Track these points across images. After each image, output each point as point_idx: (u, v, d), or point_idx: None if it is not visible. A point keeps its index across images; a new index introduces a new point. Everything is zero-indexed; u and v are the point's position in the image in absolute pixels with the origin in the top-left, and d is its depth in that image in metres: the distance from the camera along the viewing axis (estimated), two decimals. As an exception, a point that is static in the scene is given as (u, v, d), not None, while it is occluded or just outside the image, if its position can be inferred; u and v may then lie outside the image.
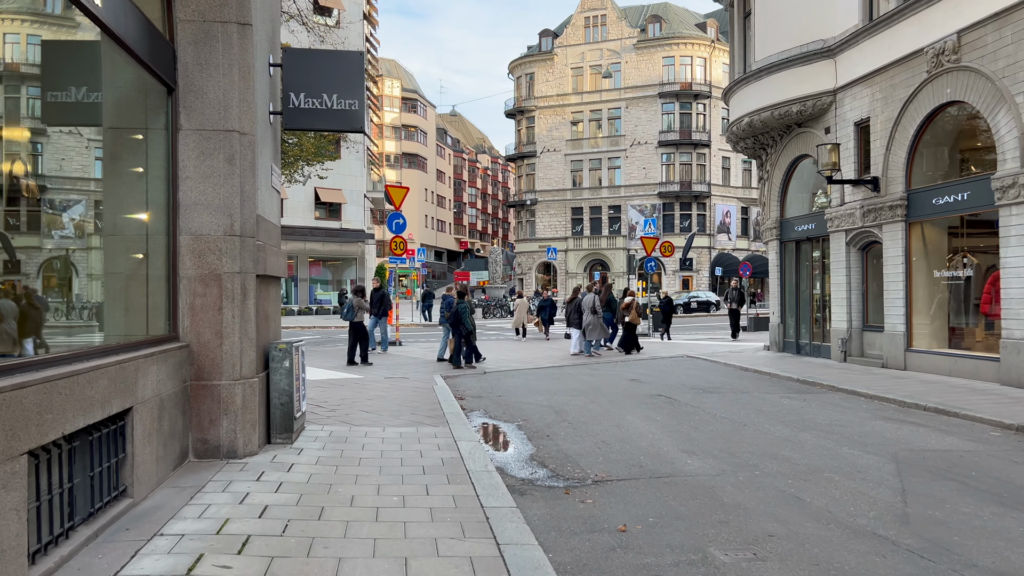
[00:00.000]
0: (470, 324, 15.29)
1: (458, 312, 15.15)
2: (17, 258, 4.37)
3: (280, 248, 8.04)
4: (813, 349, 17.15)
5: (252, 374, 6.62)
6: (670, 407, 10.38)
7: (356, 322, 15.70)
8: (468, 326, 15.24)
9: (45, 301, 4.70)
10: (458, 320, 15.20)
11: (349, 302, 15.88)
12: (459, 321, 15.19)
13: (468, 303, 15.63)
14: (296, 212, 41.96)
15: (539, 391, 12.14)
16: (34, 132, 4.78)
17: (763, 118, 17.22)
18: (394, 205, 20.68)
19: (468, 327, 15.25)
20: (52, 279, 4.89)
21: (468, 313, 15.25)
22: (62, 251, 5.08)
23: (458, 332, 15.38)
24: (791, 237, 18.06)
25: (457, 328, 15.34)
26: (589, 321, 17.74)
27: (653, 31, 59.82)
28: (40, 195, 4.72)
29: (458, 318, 15.18)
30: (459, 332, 15.35)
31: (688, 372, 14.99)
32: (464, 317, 15.12)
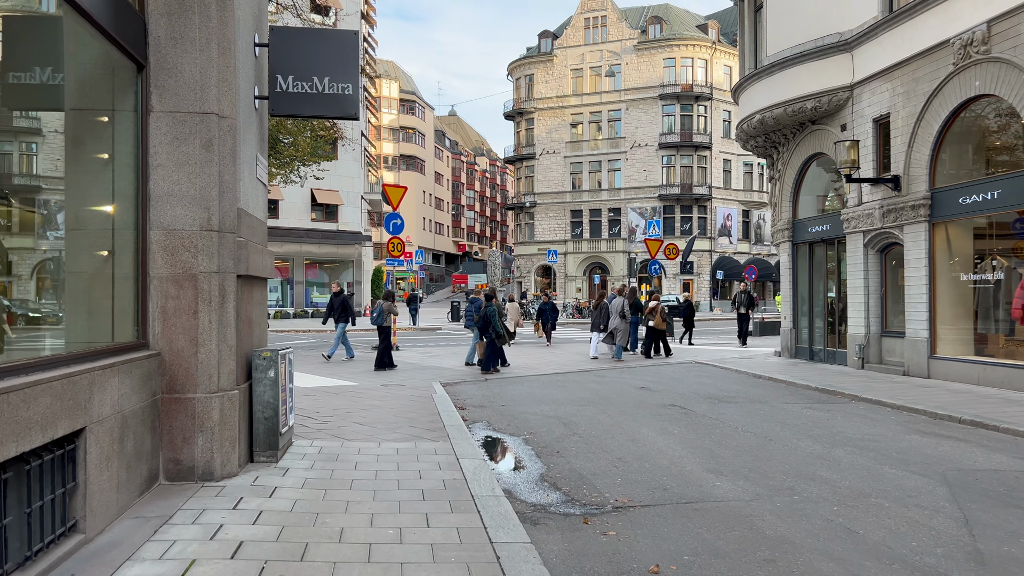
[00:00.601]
0: (500, 327, 14.87)
1: (487, 315, 14.74)
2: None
3: (266, 246, 7.34)
4: (828, 355, 16.47)
5: (232, 385, 5.92)
6: (686, 419, 9.69)
7: (385, 326, 15.53)
8: (499, 329, 14.81)
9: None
10: (487, 323, 14.78)
11: (379, 306, 15.73)
12: (488, 324, 14.77)
13: (497, 306, 15.21)
14: (292, 213, 41.26)
15: (545, 400, 11.45)
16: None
17: (775, 115, 16.56)
18: (391, 205, 19.99)
19: (498, 330, 14.82)
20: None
21: (497, 316, 14.84)
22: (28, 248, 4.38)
23: (488, 336, 14.95)
24: (804, 239, 17.39)
25: (487, 332, 14.92)
26: (617, 325, 17.35)
27: (654, 32, 59.24)
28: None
29: (487, 321, 14.78)
30: (489, 336, 14.92)
31: (699, 380, 14.30)
32: (494, 320, 14.71)
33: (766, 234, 62.42)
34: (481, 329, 15.14)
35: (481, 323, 15.01)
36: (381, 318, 15.59)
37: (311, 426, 8.51)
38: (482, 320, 14.92)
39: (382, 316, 15.59)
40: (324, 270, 44.65)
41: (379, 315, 15.64)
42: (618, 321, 17.46)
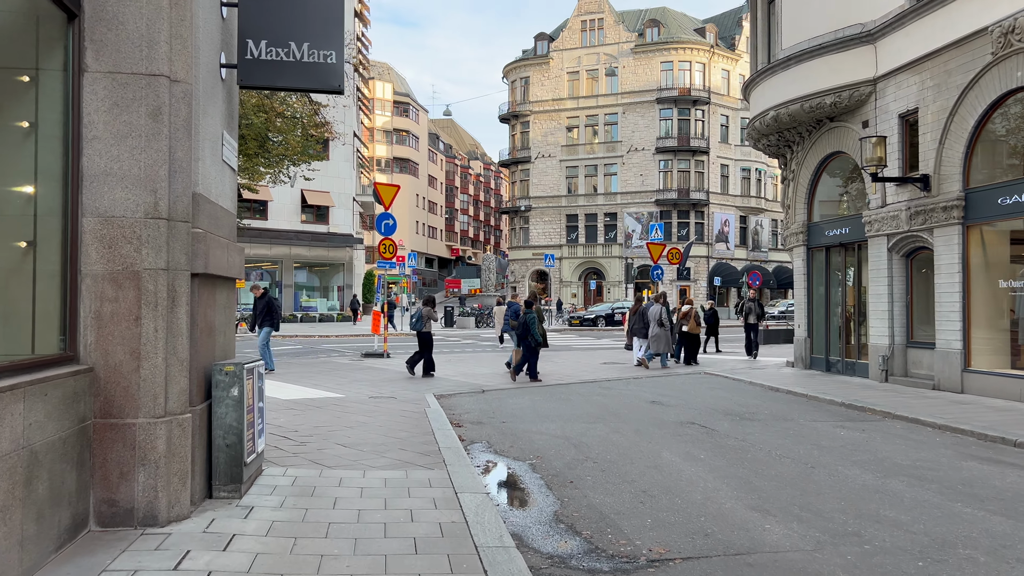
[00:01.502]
0: (539, 335, 14.31)
1: (526, 322, 14.21)
2: None
3: (234, 241, 6.29)
4: (846, 367, 15.49)
5: (183, 407, 4.86)
6: (710, 440, 8.67)
7: (424, 332, 15.07)
8: (537, 337, 14.27)
9: None
10: (527, 330, 14.25)
11: (418, 311, 15.24)
12: (528, 331, 14.23)
13: (538, 312, 14.57)
14: (281, 215, 40.16)
15: (549, 416, 10.41)
16: None
17: (791, 111, 15.61)
18: (383, 204, 18.97)
19: (537, 338, 14.29)
20: None
21: (536, 323, 14.24)
22: None
23: (526, 343, 14.42)
24: (820, 243, 16.42)
25: (525, 339, 14.39)
26: (655, 333, 17.04)
27: (651, 35, 58.45)
28: None
29: (527, 328, 14.25)
30: (527, 343, 14.40)
31: (713, 393, 13.30)
32: (532, 327, 14.16)
33: (763, 240, 61.64)
34: (520, 336, 14.58)
35: (520, 330, 14.45)
36: (420, 323, 15.10)
37: (287, 448, 7.45)
38: (521, 327, 14.39)
39: (421, 322, 15.09)
40: (314, 273, 43.54)
41: (418, 320, 15.14)
42: (657, 329, 17.06)
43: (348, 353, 21.03)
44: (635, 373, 16.27)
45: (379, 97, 73.16)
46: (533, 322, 14.18)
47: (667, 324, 17.10)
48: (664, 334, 17.04)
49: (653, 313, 17.12)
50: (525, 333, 14.35)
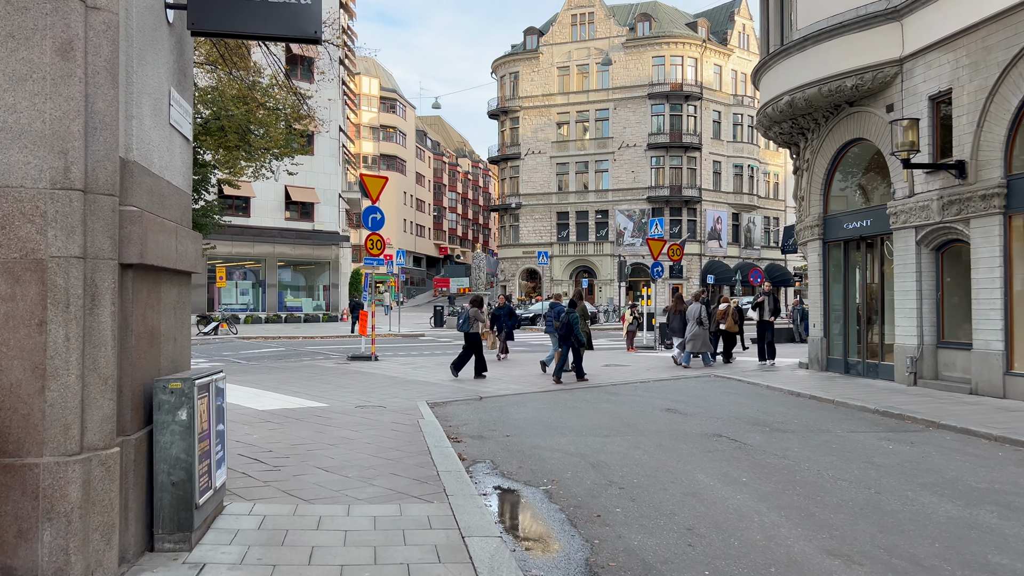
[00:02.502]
0: (583, 335, 14.03)
1: (570, 322, 13.84)
2: None
3: (187, 226, 5.14)
4: (867, 369, 14.47)
5: (107, 440, 3.71)
6: (746, 457, 7.58)
7: (472, 333, 14.74)
8: (580, 338, 13.95)
9: None
10: (570, 330, 13.86)
11: (465, 312, 14.98)
12: (571, 331, 13.85)
13: (583, 310, 14.30)
14: (265, 212, 38.84)
15: (558, 428, 9.29)
16: None
17: (808, 96, 14.56)
18: (370, 197, 17.80)
19: (580, 339, 13.96)
20: None
21: (580, 323, 13.92)
22: None
23: (568, 344, 14.03)
24: (838, 236, 15.39)
25: (568, 339, 13.97)
26: (694, 332, 16.66)
27: (642, 30, 57.51)
28: None
29: (570, 328, 13.86)
30: (569, 344, 14.01)
31: (730, 398, 12.22)
32: (576, 327, 13.79)
33: (756, 238, 60.83)
34: (563, 337, 14.10)
35: (563, 330, 13.98)
36: (467, 324, 14.79)
37: (257, 475, 6.28)
38: (564, 327, 13.94)
39: (468, 323, 14.79)
40: (299, 272, 42.24)
41: (465, 321, 14.85)
42: (696, 327, 16.63)
43: (334, 356, 19.83)
44: (642, 377, 15.18)
45: (365, 93, 71.84)
46: (576, 322, 13.78)
47: (706, 323, 16.73)
48: (703, 333, 16.70)
49: (692, 312, 16.79)
50: (568, 333, 13.87)
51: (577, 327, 13.83)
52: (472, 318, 14.80)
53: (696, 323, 16.64)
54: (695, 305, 16.88)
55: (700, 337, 16.65)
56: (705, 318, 16.66)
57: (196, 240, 5.14)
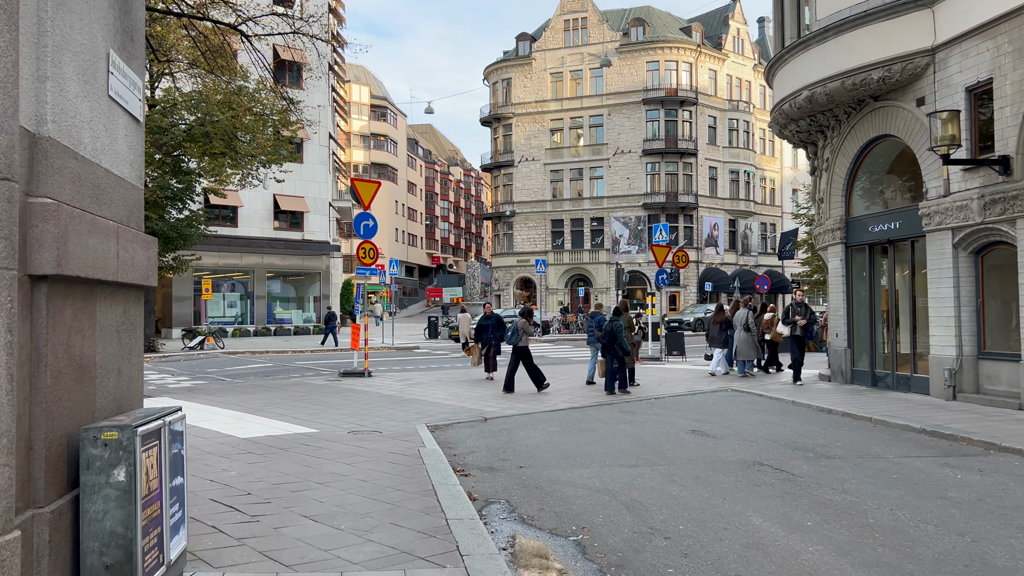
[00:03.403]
0: (627, 345, 13.77)
1: (614, 331, 13.52)
2: None
3: (139, 230, 4.10)
4: (897, 382, 13.51)
5: (4, 517, 2.66)
6: (800, 492, 6.57)
7: (520, 346, 14.30)
8: (625, 347, 13.67)
9: None
10: (613, 340, 13.51)
11: (513, 325, 14.52)
12: (615, 341, 13.51)
13: (626, 321, 14.10)
14: (252, 221, 37.71)
15: (576, 457, 8.26)
16: None
17: (829, 90, 13.64)
18: (362, 203, 16.77)
19: (626, 348, 13.68)
20: None
21: (624, 332, 13.67)
22: None
23: (613, 353, 13.63)
24: (862, 240, 14.45)
25: (612, 349, 13.60)
26: (741, 339, 16.25)
27: (636, 35, 56.75)
28: None
29: (613, 338, 13.52)
30: (614, 353, 13.62)
31: (756, 416, 11.22)
32: (620, 336, 13.48)
33: (753, 244, 60.05)
34: (606, 346, 13.74)
35: (606, 339, 13.65)
36: (516, 337, 14.35)
37: (231, 530, 5.22)
38: (607, 336, 13.61)
39: (517, 335, 14.34)
40: (289, 283, 41.08)
41: (513, 334, 14.39)
42: (743, 334, 16.17)
43: (324, 372, 18.74)
44: (655, 392, 14.15)
45: (356, 101, 70.87)
46: (620, 331, 13.56)
47: (753, 329, 16.22)
48: (751, 340, 16.24)
49: (740, 318, 16.31)
50: (612, 342, 13.54)
51: (621, 336, 13.51)
52: (521, 330, 14.36)
53: (743, 329, 16.16)
54: (742, 311, 16.46)
55: (747, 344, 16.28)
56: (752, 324, 16.15)
57: (149, 246, 4.11)
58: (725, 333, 16.96)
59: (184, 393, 13.99)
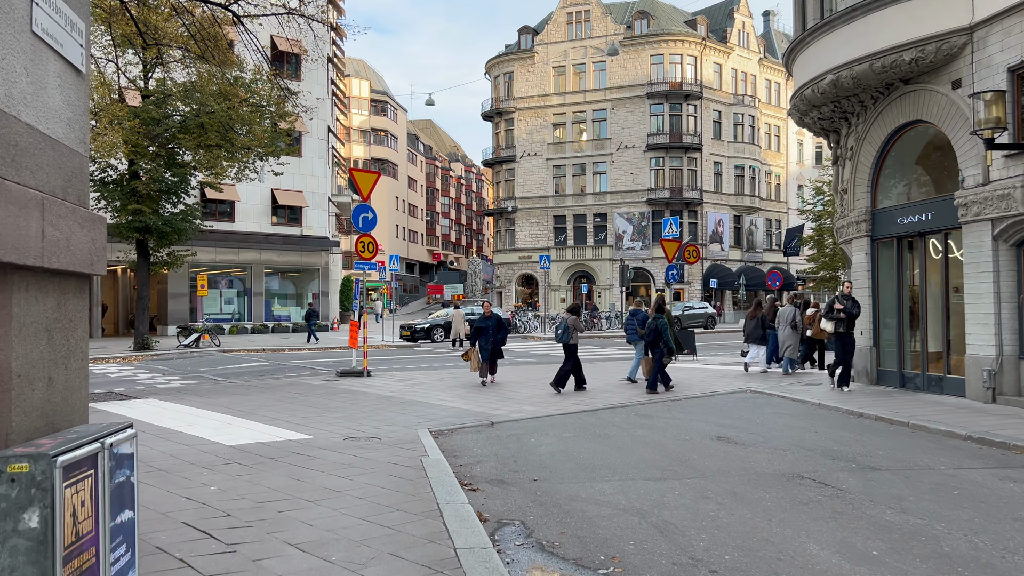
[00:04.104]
0: (672, 342, 13.65)
1: (658, 328, 13.37)
2: None
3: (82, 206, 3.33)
4: (929, 382, 12.72)
5: None
6: (854, 512, 5.80)
7: (571, 344, 13.82)
8: (671, 344, 13.54)
9: None
10: (658, 337, 13.37)
11: (564, 322, 14.04)
12: (659, 339, 13.37)
13: (668, 317, 14.01)
14: (250, 216, 36.93)
15: (595, 467, 7.48)
16: None
17: (856, 74, 12.84)
18: (361, 195, 16.00)
19: (671, 346, 13.55)
20: None
21: (669, 329, 13.54)
22: None
23: (658, 351, 13.41)
24: (889, 233, 13.66)
25: (656, 347, 13.41)
26: (787, 336, 15.98)
27: (640, 28, 55.90)
28: None
29: (659, 335, 13.37)
30: (660, 351, 13.41)
31: (783, 421, 10.45)
32: (665, 334, 13.33)
33: (758, 240, 59.25)
34: (650, 344, 13.54)
35: (651, 337, 13.47)
36: (567, 335, 13.84)
37: (201, 564, 4.44)
38: (651, 334, 13.43)
39: (567, 333, 13.84)
40: (287, 280, 40.31)
41: (564, 332, 13.88)
42: (788, 330, 15.85)
43: (321, 371, 17.96)
44: (671, 394, 13.37)
45: (355, 95, 70.02)
46: (665, 328, 13.43)
47: (800, 327, 15.78)
48: (795, 337, 15.85)
49: (786, 315, 16.03)
50: (657, 340, 13.37)
51: (667, 333, 13.37)
52: (571, 327, 13.89)
53: (789, 326, 15.80)
54: (788, 308, 16.17)
55: (792, 341, 15.91)
56: (800, 321, 15.69)
57: (92, 225, 3.34)
58: (762, 329, 16.50)
59: (172, 394, 13.23)
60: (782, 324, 16.08)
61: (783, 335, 16.07)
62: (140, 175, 24.83)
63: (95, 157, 24.14)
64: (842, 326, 12.89)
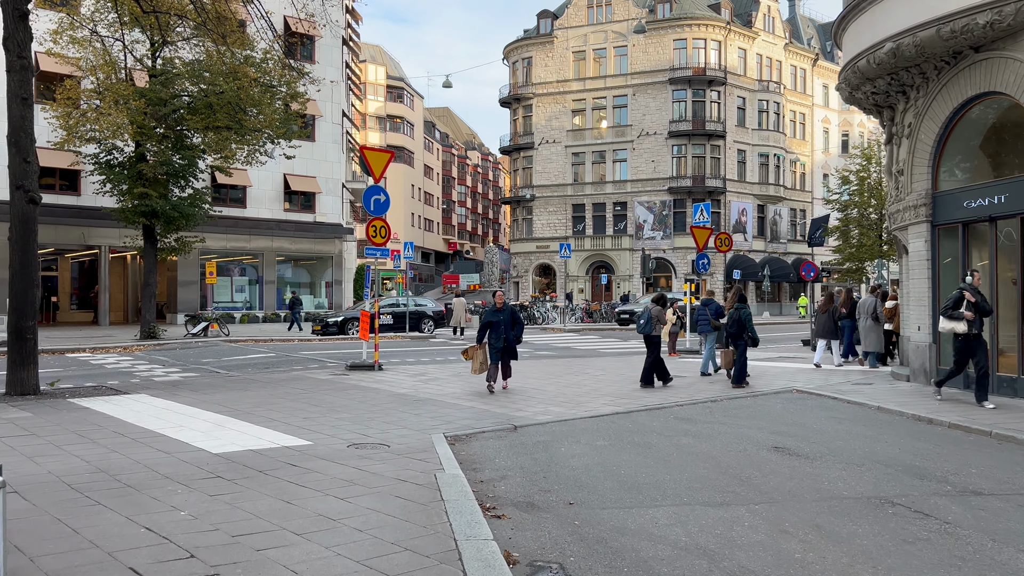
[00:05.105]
0: (756, 334, 13.08)
1: (742, 319, 12.88)
2: None
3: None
4: (1000, 384, 11.44)
5: None
6: (981, 558, 4.62)
7: (654, 336, 13.09)
8: (755, 335, 13.00)
9: None
10: (742, 328, 12.86)
11: (647, 311, 13.29)
12: (743, 329, 12.86)
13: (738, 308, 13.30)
14: (262, 202, 35.93)
15: (640, 486, 6.33)
16: None
17: (920, 40, 11.54)
18: (373, 175, 14.91)
19: (755, 336, 13.00)
20: None
21: (752, 319, 13.04)
22: None
23: (742, 343, 12.88)
24: (954, 218, 12.36)
25: (740, 338, 12.88)
26: (868, 328, 15.61)
27: (663, 11, 54.30)
28: None
29: (742, 327, 12.88)
30: (743, 343, 12.88)
31: (843, 428, 9.25)
32: (749, 325, 12.86)
33: (782, 231, 57.67)
34: (733, 336, 13.02)
35: (733, 328, 12.99)
36: (649, 326, 13.12)
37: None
38: (734, 324, 12.96)
39: (650, 324, 13.13)
40: (300, 268, 39.34)
41: (647, 322, 13.17)
42: (870, 323, 15.43)
43: (330, 364, 16.91)
44: (708, 393, 12.18)
45: (371, 81, 68.90)
46: (749, 318, 12.94)
47: (882, 319, 15.32)
48: (878, 329, 15.35)
49: (867, 306, 15.63)
50: (741, 331, 12.87)
51: (751, 324, 12.86)
52: (654, 318, 13.16)
53: (871, 318, 15.27)
54: (869, 298, 15.80)
55: (873, 333, 15.45)
56: (882, 313, 15.21)
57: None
58: (833, 322, 15.72)
59: (166, 388, 12.20)
60: (863, 316, 15.57)
61: (863, 327, 15.61)
62: (147, 158, 23.85)
63: (100, 138, 23.24)
64: (975, 327, 10.24)
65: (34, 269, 11.09)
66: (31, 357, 10.90)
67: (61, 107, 22.61)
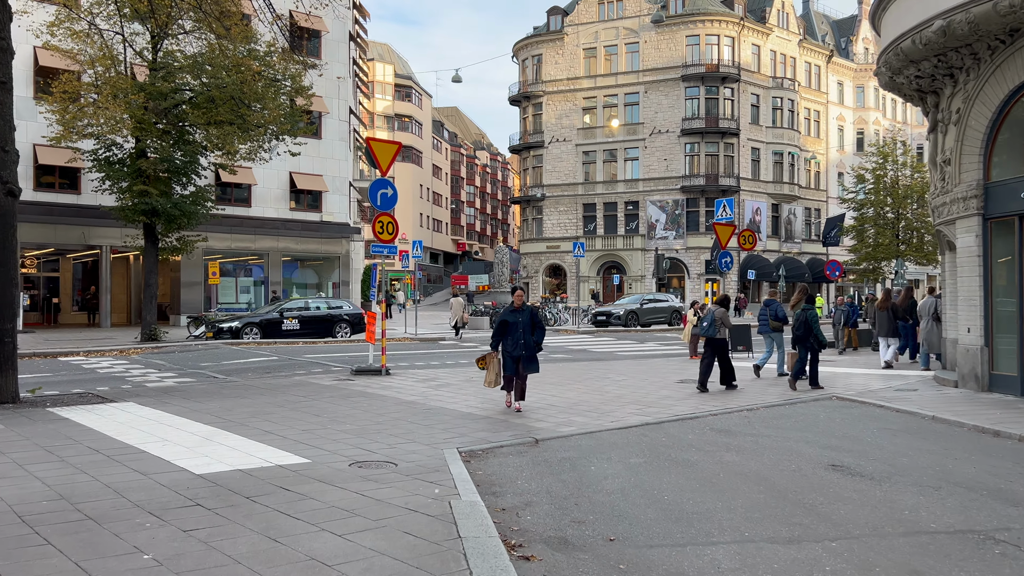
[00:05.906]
0: (823, 336, 12.71)
1: (808, 321, 12.57)
2: None
3: None
4: (1063, 391, 10.48)
5: None
6: None
7: (718, 339, 12.61)
8: (822, 338, 12.59)
9: None
10: (809, 331, 12.52)
11: (710, 313, 12.94)
12: (810, 332, 12.52)
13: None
14: (267, 201, 35.10)
15: (691, 519, 5.40)
16: None
17: (975, 16, 10.59)
18: (379, 168, 14.00)
19: (822, 339, 12.61)
20: None
21: (818, 321, 12.69)
22: None
23: (808, 346, 12.57)
24: (1008, 210, 11.38)
25: (807, 341, 12.54)
26: (929, 330, 15.22)
27: (675, 7, 53.37)
28: None
29: (808, 328, 12.57)
30: (810, 346, 12.56)
31: (902, 441, 8.30)
32: (815, 327, 12.53)
33: (797, 230, 56.60)
34: (799, 338, 12.63)
35: (800, 330, 12.61)
36: (713, 328, 12.62)
37: None
38: (800, 327, 12.60)
39: (714, 326, 12.64)
40: (307, 268, 38.52)
41: (710, 325, 12.69)
42: (932, 325, 15.00)
43: (335, 368, 16.02)
44: (742, 400, 11.24)
45: (379, 80, 68.13)
46: (815, 320, 12.55)
47: (942, 318, 14.49)
48: (938, 330, 14.74)
49: (928, 306, 15.28)
50: (807, 334, 12.51)
51: (817, 326, 12.49)
52: (718, 320, 12.70)
53: (932, 319, 14.87)
54: (929, 299, 15.43)
55: (936, 337, 15.00)
56: (942, 312, 14.35)
57: None
58: (894, 321, 15.77)
59: (158, 396, 11.33)
60: (924, 316, 15.31)
61: (924, 328, 15.38)
62: (147, 154, 23.04)
63: (98, 134, 22.45)
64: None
65: (12, 267, 10.25)
66: (9, 362, 10.05)
67: (58, 101, 21.83)
